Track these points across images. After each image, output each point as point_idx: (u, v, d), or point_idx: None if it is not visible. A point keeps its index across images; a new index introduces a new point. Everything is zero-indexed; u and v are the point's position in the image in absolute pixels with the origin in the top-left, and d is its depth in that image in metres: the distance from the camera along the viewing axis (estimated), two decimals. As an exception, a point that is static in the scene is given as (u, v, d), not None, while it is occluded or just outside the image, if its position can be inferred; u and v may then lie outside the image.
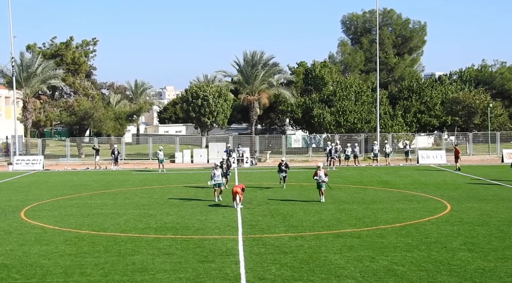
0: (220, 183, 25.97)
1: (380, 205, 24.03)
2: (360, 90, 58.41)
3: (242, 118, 67.74)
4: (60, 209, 24.29)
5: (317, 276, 13.66)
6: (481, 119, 57.87)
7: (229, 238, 17.83)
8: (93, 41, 68.61)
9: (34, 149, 53.99)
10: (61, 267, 14.68)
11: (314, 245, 16.69)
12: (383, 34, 73.07)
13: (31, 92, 55.11)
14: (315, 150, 54.71)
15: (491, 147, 54.08)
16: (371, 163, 45.44)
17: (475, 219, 20.68)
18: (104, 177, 38.08)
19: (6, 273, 14.25)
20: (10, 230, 19.74)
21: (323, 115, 55.81)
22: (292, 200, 25.75)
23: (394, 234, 18.17)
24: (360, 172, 39.49)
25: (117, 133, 62.24)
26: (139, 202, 25.89)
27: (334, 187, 30.13)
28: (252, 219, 21.03)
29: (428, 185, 31.24)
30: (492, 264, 14.56)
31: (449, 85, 64.72)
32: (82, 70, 64.30)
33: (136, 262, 15.05)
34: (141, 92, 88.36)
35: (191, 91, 57.69)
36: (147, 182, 34.72)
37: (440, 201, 24.98)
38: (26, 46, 64.28)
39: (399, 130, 56.59)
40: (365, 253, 15.74)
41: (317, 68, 63.62)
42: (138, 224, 20.48)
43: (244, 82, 58.04)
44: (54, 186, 32.82)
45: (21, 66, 54.32)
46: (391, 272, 13.93)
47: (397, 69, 75.11)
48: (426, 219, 20.74)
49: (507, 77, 70.68)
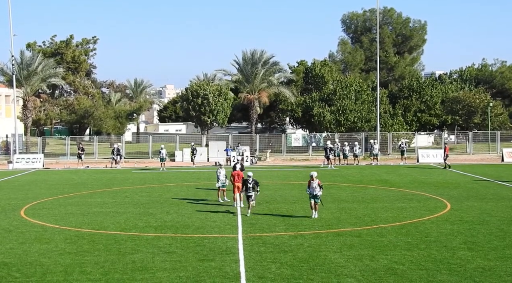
0: (224, 184, 24.84)
1: (380, 204, 24.03)
2: (360, 89, 58.40)
3: (242, 117, 67.73)
4: (60, 207, 24.30)
5: (317, 275, 13.67)
6: (481, 118, 57.87)
7: (229, 237, 17.84)
8: (93, 39, 68.69)
9: (34, 147, 54.00)
10: (61, 266, 14.69)
11: (314, 244, 16.69)
12: (383, 33, 73.04)
13: (31, 90, 55.13)
14: (315, 149, 54.72)
15: (491, 146, 54.08)
16: (371, 162, 45.44)
17: (475, 218, 20.68)
18: (104, 175, 38.08)
19: (6, 272, 14.25)
20: (10, 228, 19.75)
21: (323, 114, 55.81)
22: (292, 199, 25.75)
23: (394, 233, 18.18)
24: (360, 171, 39.50)
25: (117, 132, 62.24)
26: (139, 201, 25.89)
27: (334, 186, 30.16)
28: (252, 218, 21.03)
29: (428, 184, 31.25)
30: (492, 263, 14.56)
31: (449, 84, 64.71)
32: (82, 69, 64.37)
33: (136, 261, 15.06)
34: (141, 91, 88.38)
35: (191, 89, 57.70)
36: (147, 180, 34.73)
37: (440, 200, 24.99)
38: (26, 45, 64.42)
39: (399, 129, 56.58)
40: (365, 252, 15.74)
41: (317, 67, 63.61)
42: (138, 222, 20.49)
43: (244, 81, 58.03)
44: (54, 185, 32.82)
45: (21, 64, 54.35)
46: (391, 271, 13.94)
47: (397, 68, 75.09)
48: (426, 218, 20.75)
49: (507, 76, 70.67)
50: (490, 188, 29.28)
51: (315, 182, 20.62)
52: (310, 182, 20.72)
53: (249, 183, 21.79)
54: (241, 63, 58.39)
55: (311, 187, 20.62)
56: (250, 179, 21.81)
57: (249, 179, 21.82)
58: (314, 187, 20.56)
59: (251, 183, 21.79)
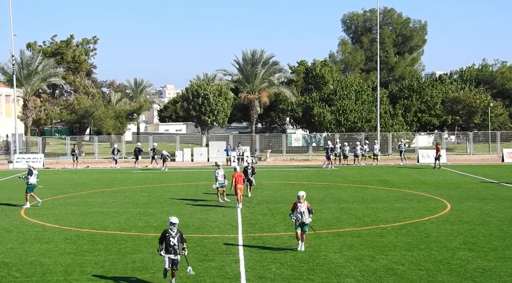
0: (223, 184, 24.66)
1: (380, 204, 24.03)
2: (360, 89, 58.39)
3: (242, 117, 67.74)
4: (60, 207, 24.30)
5: (317, 275, 13.67)
6: (481, 118, 57.84)
7: (229, 237, 17.85)
8: (94, 39, 68.56)
9: (35, 147, 54.00)
10: (61, 266, 14.69)
11: (314, 244, 16.69)
12: (383, 33, 73.03)
13: (31, 90, 55.11)
14: (315, 149, 54.72)
15: (491, 147, 54.07)
16: (371, 162, 45.43)
17: (475, 218, 20.69)
18: (104, 175, 38.09)
19: (7, 271, 14.26)
20: (10, 228, 19.75)
21: (323, 114, 55.81)
22: (292, 199, 25.68)
23: (394, 233, 18.18)
24: (360, 171, 39.49)
25: (117, 132, 62.16)
26: (139, 201, 25.90)
27: (334, 186, 30.09)
28: (252, 218, 21.05)
29: (428, 184, 31.24)
30: (492, 263, 14.57)
31: (450, 85, 64.66)
32: (82, 69, 64.27)
33: (136, 261, 15.06)
34: (141, 91, 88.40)
35: (191, 89, 57.72)
36: (147, 180, 34.73)
37: (440, 200, 24.99)
38: (26, 44, 64.19)
39: (400, 129, 56.57)
40: (365, 252, 15.74)
41: (317, 67, 63.60)
42: (138, 222, 20.49)
43: (245, 81, 58.03)
44: (54, 185, 32.80)
45: (21, 64, 54.32)
46: (391, 271, 13.94)
47: (398, 68, 75.08)
48: (426, 218, 20.76)
49: (507, 76, 70.63)
50: (490, 188, 29.28)
51: (303, 205, 15.87)
52: (296, 204, 15.94)
53: (248, 169, 26.24)
54: (241, 63, 58.38)
55: (298, 212, 15.83)
56: (249, 166, 26.55)
57: (249, 166, 26.55)
58: (302, 212, 15.82)
59: (250, 169, 26.38)
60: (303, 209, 15.76)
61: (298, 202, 15.85)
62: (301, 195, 15.93)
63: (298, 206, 15.84)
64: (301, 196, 15.87)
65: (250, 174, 26.31)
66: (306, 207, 15.82)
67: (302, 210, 15.74)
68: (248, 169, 26.43)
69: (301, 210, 15.75)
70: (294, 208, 15.91)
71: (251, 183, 26.64)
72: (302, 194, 15.95)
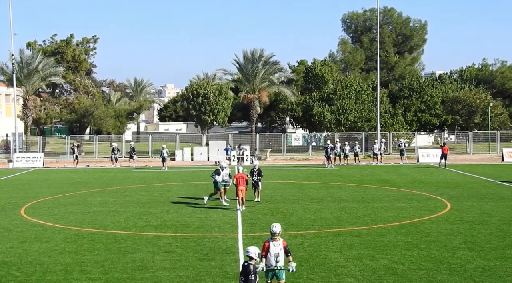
0: (227, 183, 24.38)
1: (380, 204, 24.02)
2: (360, 89, 58.40)
3: (242, 116, 67.71)
4: (60, 206, 24.29)
5: (317, 274, 13.67)
6: (481, 118, 57.87)
7: (229, 236, 17.84)
8: (94, 38, 68.65)
9: (34, 146, 53.98)
10: (61, 265, 14.69)
11: (314, 244, 16.69)
12: (383, 33, 72.99)
13: (31, 89, 55.11)
14: (315, 148, 54.73)
15: (491, 146, 54.09)
16: (371, 161, 45.43)
17: (475, 218, 20.68)
18: (104, 175, 38.08)
19: (6, 271, 14.26)
20: (10, 227, 19.74)
21: (323, 114, 55.82)
22: (292, 199, 25.74)
23: (394, 232, 18.18)
24: (360, 170, 39.49)
25: (117, 131, 62.18)
26: (139, 200, 25.89)
27: (334, 186, 30.08)
28: (252, 217, 21.04)
29: (428, 184, 31.24)
30: (492, 263, 14.57)
31: (450, 84, 64.69)
32: (82, 68, 64.34)
33: (136, 260, 15.06)
34: (141, 90, 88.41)
35: (191, 89, 57.70)
36: (147, 180, 34.72)
37: (440, 200, 24.98)
38: (26, 44, 64.34)
39: (400, 129, 56.59)
40: (365, 251, 15.74)
41: (317, 67, 63.58)
42: (138, 222, 20.48)
43: (245, 80, 58.01)
44: (54, 184, 32.80)
45: (21, 63, 54.30)
46: (391, 270, 13.94)
47: (398, 67, 75.05)
48: (426, 218, 20.75)
49: (507, 76, 70.62)
50: (490, 188, 29.28)
51: (277, 244, 11.44)
52: (267, 244, 11.41)
53: (254, 171, 24.71)
54: (241, 63, 58.35)
55: (272, 255, 11.32)
56: (256, 167, 24.96)
57: (255, 167, 24.97)
58: (276, 254, 11.34)
59: (256, 171, 24.78)
60: (277, 250, 11.34)
61: (272, 240, 11.43)
62: (276, 231, 11.52)
63: (271, 248, 11.35)
64: (276, 233, 11.50)
65: (256, 175, 24.55)
66: (281, 247, 11.45)
67: (277, 252, 11.31)
68: (254, 171, 24.70)
69: (275, 252, 11.31)
70: (266, 249, 11.36)
71: (256, 186, 24.63)
72: (277, 230, 11.55)
